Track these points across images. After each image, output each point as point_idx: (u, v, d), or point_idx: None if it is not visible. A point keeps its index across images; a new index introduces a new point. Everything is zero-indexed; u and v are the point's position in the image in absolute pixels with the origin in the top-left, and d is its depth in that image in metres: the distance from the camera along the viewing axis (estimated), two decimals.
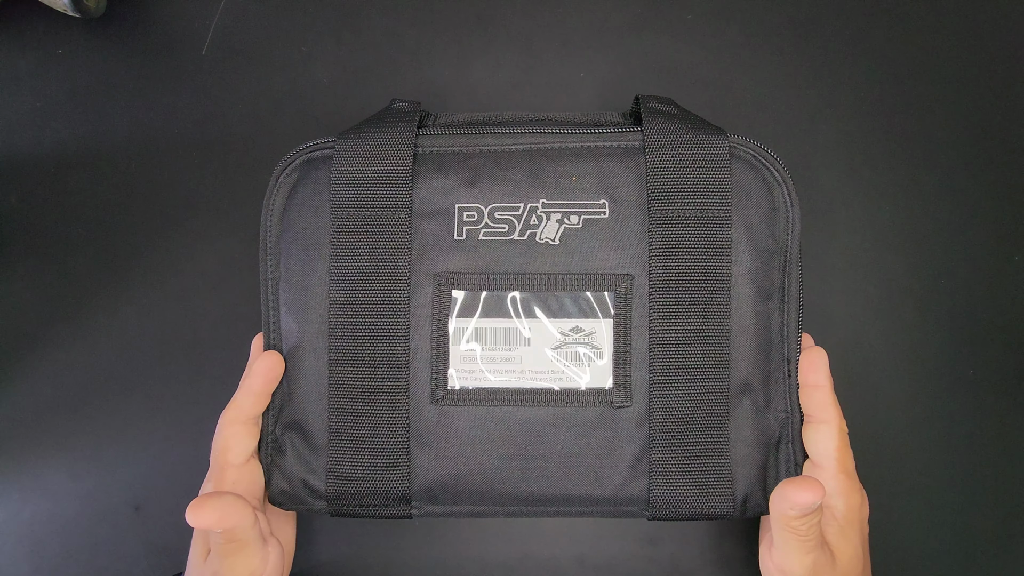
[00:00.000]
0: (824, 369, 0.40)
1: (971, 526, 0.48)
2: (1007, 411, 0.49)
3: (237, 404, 0.40)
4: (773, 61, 0.51)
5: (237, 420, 0.40)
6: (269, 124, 0.51)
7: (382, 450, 0.40)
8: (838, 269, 0.50)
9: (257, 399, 0.40)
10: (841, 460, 0.39)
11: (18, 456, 0.49)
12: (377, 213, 0.40)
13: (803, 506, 0.36)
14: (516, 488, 0.40)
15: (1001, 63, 0.51)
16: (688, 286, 0.40)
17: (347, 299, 0.40)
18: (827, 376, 0.40)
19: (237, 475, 0.40)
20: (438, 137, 0.42)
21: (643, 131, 0.41)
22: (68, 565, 0.49)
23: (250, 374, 0.40)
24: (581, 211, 0.40)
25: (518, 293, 0.40)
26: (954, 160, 0.50)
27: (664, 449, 0.40)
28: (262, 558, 0.39)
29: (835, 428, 0.39)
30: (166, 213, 0.51)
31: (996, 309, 0.49)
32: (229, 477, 0.40)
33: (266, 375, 0.40)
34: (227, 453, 0.40)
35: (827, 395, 0.40)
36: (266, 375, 0.40)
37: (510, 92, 0.52)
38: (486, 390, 0.40)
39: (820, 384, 0.40)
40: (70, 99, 0.52)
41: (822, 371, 0.40)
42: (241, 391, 0.40)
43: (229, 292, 0.50)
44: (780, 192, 0.41)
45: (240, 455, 0.40)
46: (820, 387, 0.40)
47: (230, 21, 0.52)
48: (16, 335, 0.50)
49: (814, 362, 0.40)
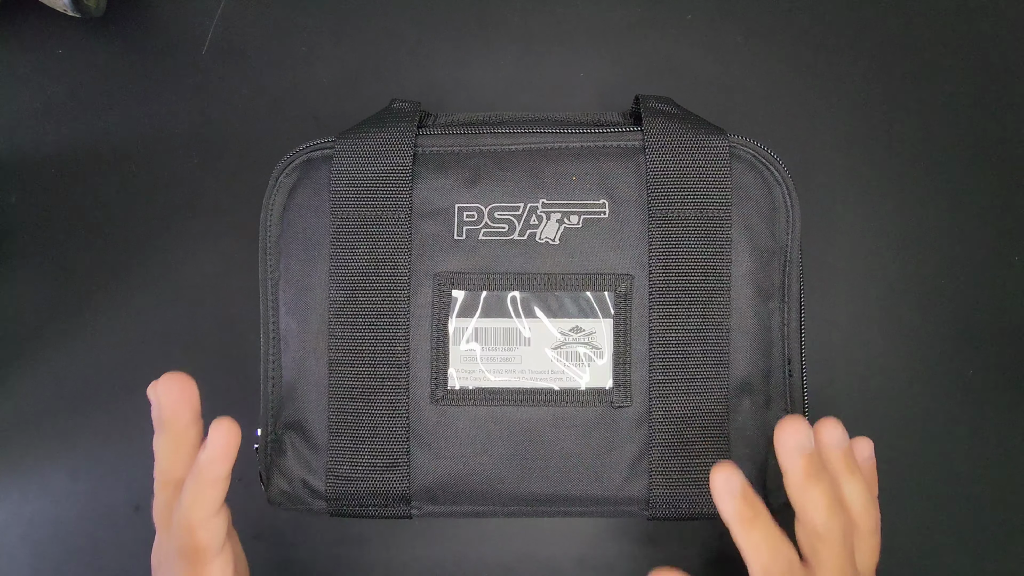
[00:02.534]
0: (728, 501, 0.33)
1: (971, 526, 0.48)
2: (1007, 411, 0.49)
3: (206, 501, 0.33)
4: (773, 61, 0.51)
5: (211, 514, 0.33)
6: (269, 124, 0.51)
7: (382, 450, 0.40)
8: (838, 269, 0.50)
9: (225, 483, 0.33)
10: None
11: (18, 456, 0.49)
12: (377, 213, 0.40)
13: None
14: (516, 488, 0.40)
15: (1001, 63, 0.51)
16: (688, 286, 0.40)
17: (347, 299, 0.40)
18: (734, 511, 0.33)
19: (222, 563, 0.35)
20: (438, 137, 0.42)
21: (643, 131, 0.41)
22: (68, 565, 0.49)
23: (211, 459, 0.32)
24: (581, 211, 0.40)
25: (518, 293, 0.40)
26: (954, 160, 0.50)
27: (664, 449, 0.40)
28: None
29: (757, 574, 0.33)
30: (166, 213, 0.51)
31: (996, 309, 0.49)
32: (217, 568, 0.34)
33: (229, 455, 0.33)
34: (208, 552, 0.34)
35: (737, 536, 0.33)
36: (229, 455, 0.33)
37: (510, 92, 0.52)
38: (486, 390, 0.40)
39: (726, 521, 0.33)
40: (70, 99, 0.52)
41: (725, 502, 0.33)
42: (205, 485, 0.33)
43: (229, 292, 0.50)
44: (780, 192, 0.41)
45: (219, 544, 0.34)
46: (727, 523, 0.33)
47: (230, 21, 0.52)
48: (16, 335, 0.50)
49: (717, 490, 0.33)
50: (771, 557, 0.33)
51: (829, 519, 0.33)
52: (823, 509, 0.33)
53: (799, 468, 0.33)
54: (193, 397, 0.34)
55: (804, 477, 0.33)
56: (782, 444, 0.33)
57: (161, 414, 0.34)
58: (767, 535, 0.33)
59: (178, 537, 0.33)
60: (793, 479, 0.33)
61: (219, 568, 0.34)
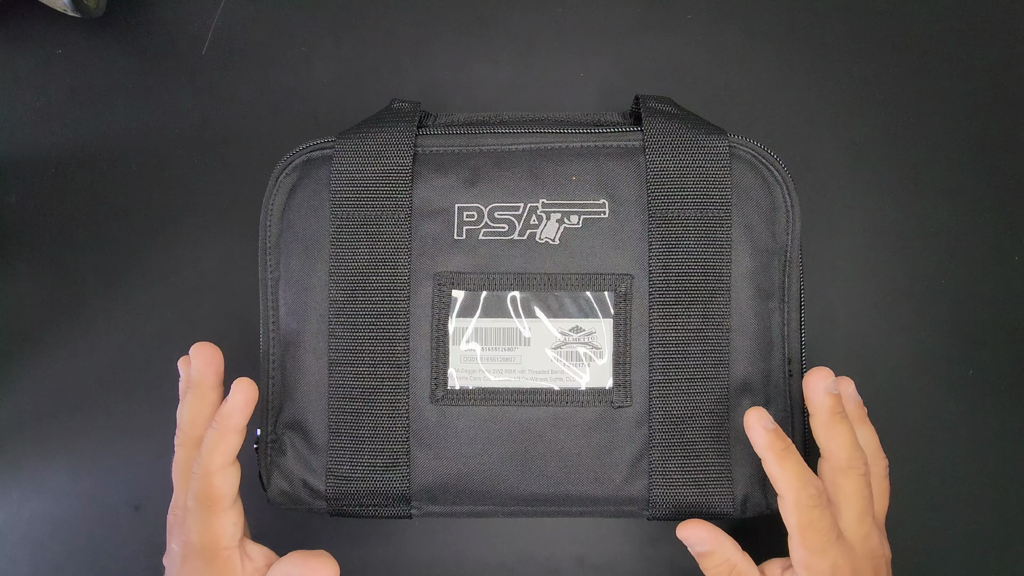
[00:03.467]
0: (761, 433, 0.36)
1: (972, 526, 0.48)
2: (1007, 411, 0.49)
3: (224, 448, 0.36)
4: (773, 61, 0.51)
5: (227, 462, 0.36)
6: (269, 124, 0.51)
7: (382, 450, 0.40)
8: (838, 269, 0.50)
9: (242, 435, 0.37)
10: (803, 535, 0.35)
11: (18, 456, 0.49)
12: (377, 213, 0.40)
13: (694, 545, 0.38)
14: (516, 488, 0.40)
15: (1001, 63, 0.51)
16: (688, 286, 0.40)
17: (347, 299, 0.40)
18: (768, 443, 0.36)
19: (236, 515, 0.37)
20: (438, 137, 0.42)
21: (643, 131, 0.41)
22: (68, 565, 0.49)
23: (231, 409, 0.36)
24: (581, 211, 0.40)
25: (518, 293, 0.40)
26: (954, 160, 0.50)
27: (664, 449, 0.40)
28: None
29: (789, 502, 0.36)
30: (166, 213, 0.51)
31: (996, 309, 0.49)
32: (229, 520, 0.36)
33: (247, 409, 0.36)
34: (223, 500, 0.36)
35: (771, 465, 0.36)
36: (247, 409, 0.36)
37: (510, 92, 0.52)
38: (486, 390, 0.40)
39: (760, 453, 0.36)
40: (70, 99, 0.52)
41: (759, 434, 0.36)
42: (225, 432, 0.36)
43: (229, 292, 0.50)
44: (780, 192, 0.41)
45: (234, 495, 0.37)
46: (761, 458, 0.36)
47: (230, 21, 0.52)
48: (16, 335, 0.50)
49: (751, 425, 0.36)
50: (801, 486, 0.35)
51: (853, 453, 0.36)
52: (848, 444, 0.36)
53: (827, 406, 0.37)
54: (219, 363, 0.39)
55: (831, 414, 0.37)
56: (812, 386, 0.37)
57: (191, 376, 0.38)
58: (798, 466, 0.36)
59: (196, 486, 0.36)
60: (821, 417, 0.37)
61: (231, 521, 0.36)
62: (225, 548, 0.36)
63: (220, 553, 0.36)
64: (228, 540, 0.36)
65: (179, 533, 0.37)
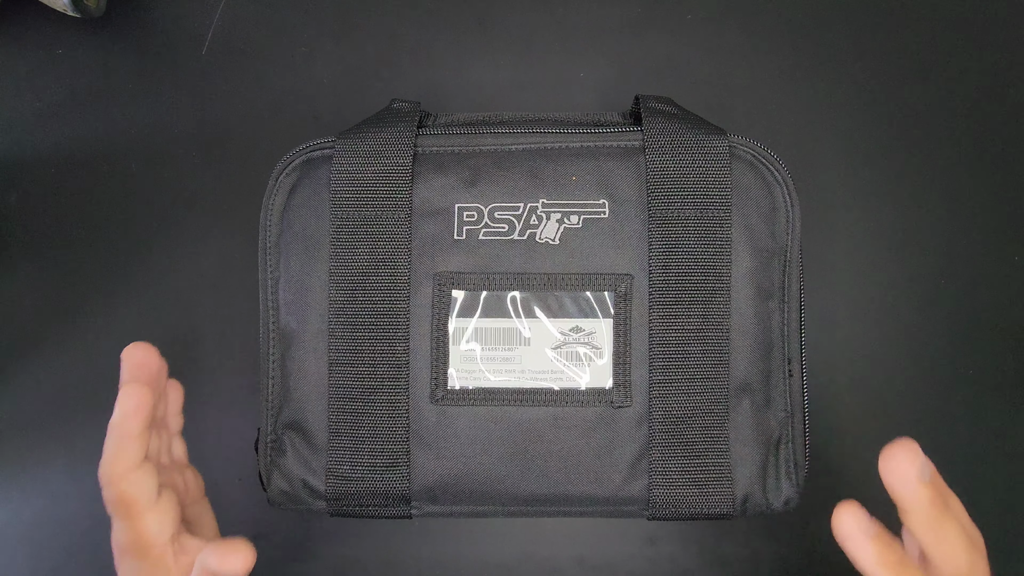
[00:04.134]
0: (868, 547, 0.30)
1: None
2: (1007, 411, 0.49)
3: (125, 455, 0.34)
4: (773, 61, 0.51)
5: (132, 468, 0.35)
6: (269, 124, 0.51)
7: (382, 450, 0.40)
8: (838, 269, 0.50)
9: (143, 437, 0.35)
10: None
11: (18, 456, 0.49)
12: (377, 213, 0.40)
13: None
14: (516, 488, 0.40)
15: (1001, 63, 0.51)
16: (688, 286, 0.40)
17: (347, 299, 0.40)
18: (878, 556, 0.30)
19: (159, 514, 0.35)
20: (438, 137, 0.42)
21: (643, 131, 0.41)
22: (68, 565, 0.49)
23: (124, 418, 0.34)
24: (581, 211, 0.40)
25: (518, 293, 0.40)
26: (954, 160, 0.50)
27: (664, 449, 0.40)
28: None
29: None
30: (166, 213, 0.51)
31: (996, 309, 0.49)
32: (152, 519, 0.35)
33: (140, 414, 0.35)
34: (138, 503, 0.35)
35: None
36: (140, 414, 0.35)
37: (510, 92, 0.52)
38: (486, 390, 0.40)
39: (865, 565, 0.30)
40: (70, 99, 0.52)
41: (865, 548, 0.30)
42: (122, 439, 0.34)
43: (229, 292, 0.50)
44: (780, 192, 0.41)
45: (150, 496, 0.35)
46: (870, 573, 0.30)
47: (230, 21, 0.52)
48: (16, 335, 0.50)
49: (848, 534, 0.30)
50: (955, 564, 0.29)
51: (972, 555, 0.30)
52: (963, 547, 0.30)
53: (927, 500, 0.29)
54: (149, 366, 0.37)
55: (933, 509, 0.29)
56: (897, 473, 0.29)
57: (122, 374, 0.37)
58: (958, 533, 0.29)
59: (105, 494, 0.35)
60: (920, 515, 0.30)
61: (155, 520, 0.35)
62: (154, 547, 0.35)
63: (149, 552, 0.35)
64: (154, 538, 0.35)
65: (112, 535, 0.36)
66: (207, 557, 0.35)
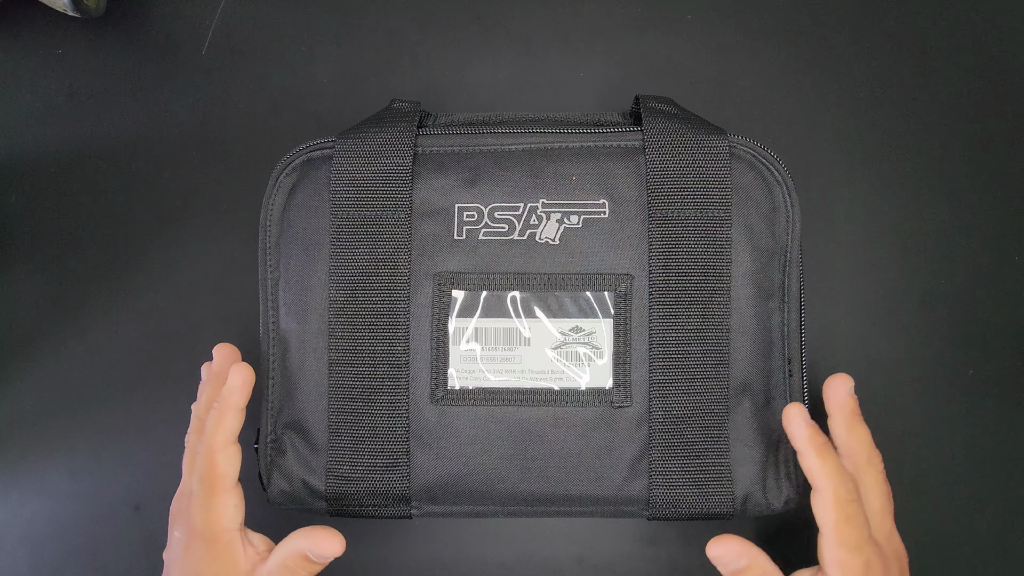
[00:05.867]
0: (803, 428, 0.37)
1: (972, 526, 0.48)
2: (1007, 411, 0.49)
3: (225, 426, 0.38)
4: (773, 61, 0.51)
5: (229, 441, 0.38)
6: (269, 124, 0.51)
7: (382, 450, 0.40)
8: (838, 269, 0.50)
9: (242, 415, 0.39)
10: (840, 531, 0.35)
11: (18, 456, 0.49)
12: (377, 213, 0.40)
13: (730, 563, 0.37)
14: (516, 488, 0.40)
15: (1001, 63, 0.51)
16: (688, 286, 0.40)
17: (347, 299, 0.40)
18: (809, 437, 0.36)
19: (237, 498, 0.38)
20: (438, 137, 0.42)
21: (643, 131, 0.41)
22: (68, 565, 0.49)
23: (231, 389, 0.38)
24: (581, 211, 0.40)
25: (518, 293, 0.40)
26: (954, 160, 0.50)
27: (664, 449, 0.40)
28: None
29: (828, 497, 0.35)
30: (166, 213, 0.51)
31: (996, 309, 0.49)
32: (231, 501, 0.38)
33: (245, 389, 0.38)
34: (225, 479, 0.38)
35: (812, 459, 0.36)
36: (245, 389, 0.38)
37: (510, 92, 0.52)
38: (486, 390, 0.40)
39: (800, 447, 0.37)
40: (70, 99, 0.52)
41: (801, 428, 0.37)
42: (226, 411, 0.38)
43: (229, 292, 0.50)
44: (780, 192, 0.41)
45: (235, 476, 0.38)
46: (800, 452, 0.37)
47: (230, 21, 0.52)
48: (16, 335, 0.50)
49: (792, 419, 0.37)
50: (840, 480, 0.36)
51: (872, 450, 0.38)
52: (868, 441, 0.38)
53: (850, 408, 0.38)
54: (237, 359, 0.41)
55: (852, 415, 0.38)
56: (835, 389, 0.38)
57: (211, 369, 0.41)
58: (837, 461, 0.36)
59: (200, 464, 0.38)
60: (842, 419, 0.38)
61: (233, 503, 0.38)
62: (226, 531, 0.37)
63: (222, 536, 0.37)
64: (229, 522, 0.37)
65: (182, 520, 0.38)
66: (301, 541, 0.37)
